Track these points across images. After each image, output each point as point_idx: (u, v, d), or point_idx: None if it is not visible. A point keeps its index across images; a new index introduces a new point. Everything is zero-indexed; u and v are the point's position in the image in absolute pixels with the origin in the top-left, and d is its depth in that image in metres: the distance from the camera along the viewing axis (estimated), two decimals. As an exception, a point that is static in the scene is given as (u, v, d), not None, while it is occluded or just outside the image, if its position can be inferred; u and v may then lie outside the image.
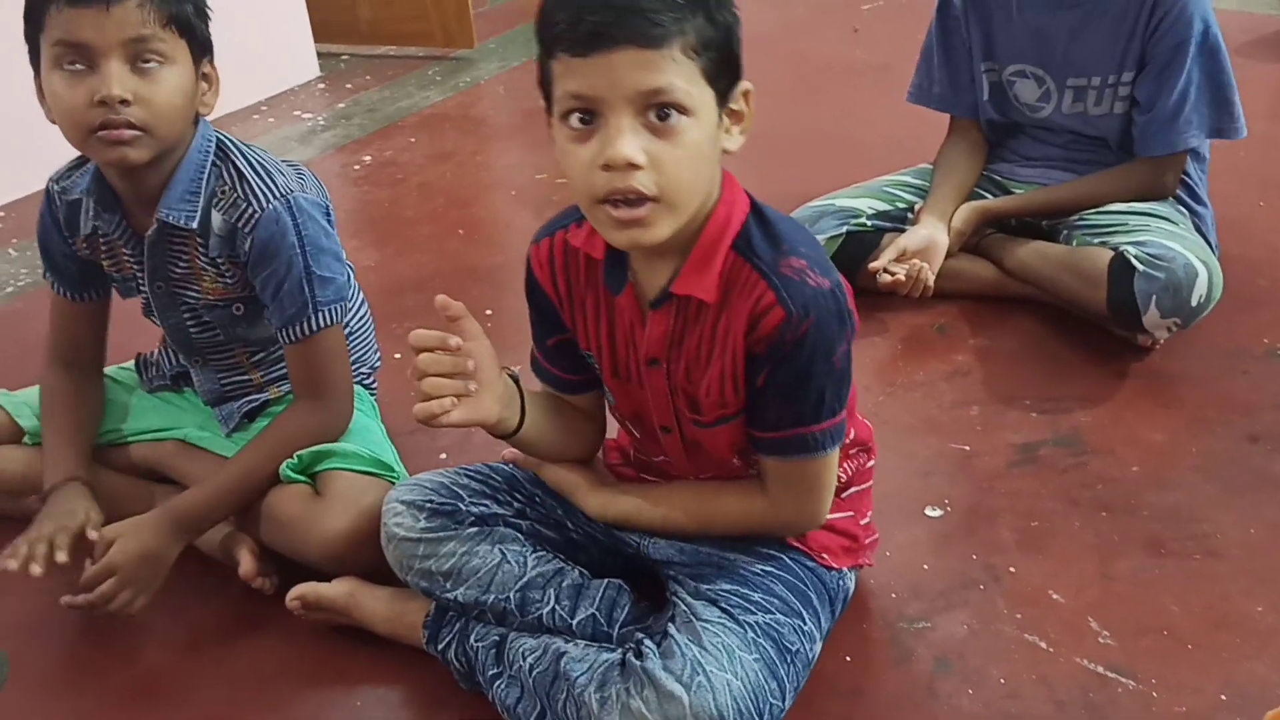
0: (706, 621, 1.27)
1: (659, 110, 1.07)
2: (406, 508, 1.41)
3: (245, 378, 1.66)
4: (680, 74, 1.07)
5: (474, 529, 1.40)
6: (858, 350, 1.27)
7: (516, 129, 3.14)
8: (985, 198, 2.15)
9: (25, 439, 1.65)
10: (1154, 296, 1.83)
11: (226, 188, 1.48)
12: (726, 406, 1.27)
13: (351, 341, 1.68)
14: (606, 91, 1.07)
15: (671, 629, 1.27)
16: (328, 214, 1.55)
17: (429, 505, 1.41)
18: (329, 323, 1.52)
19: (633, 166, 1.07)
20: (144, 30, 1.36)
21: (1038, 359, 1.99)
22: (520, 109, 3.23)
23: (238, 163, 1.49)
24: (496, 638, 1.37)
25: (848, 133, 2.78)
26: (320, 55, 3.39)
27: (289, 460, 1.53)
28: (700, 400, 1.28)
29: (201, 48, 1.45)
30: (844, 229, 2.09)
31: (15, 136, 2.62)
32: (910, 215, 2.12)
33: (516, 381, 1.31)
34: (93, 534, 1.46)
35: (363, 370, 1.75)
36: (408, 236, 2.53)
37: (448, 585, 1.38)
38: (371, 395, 1.78)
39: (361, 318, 1.77)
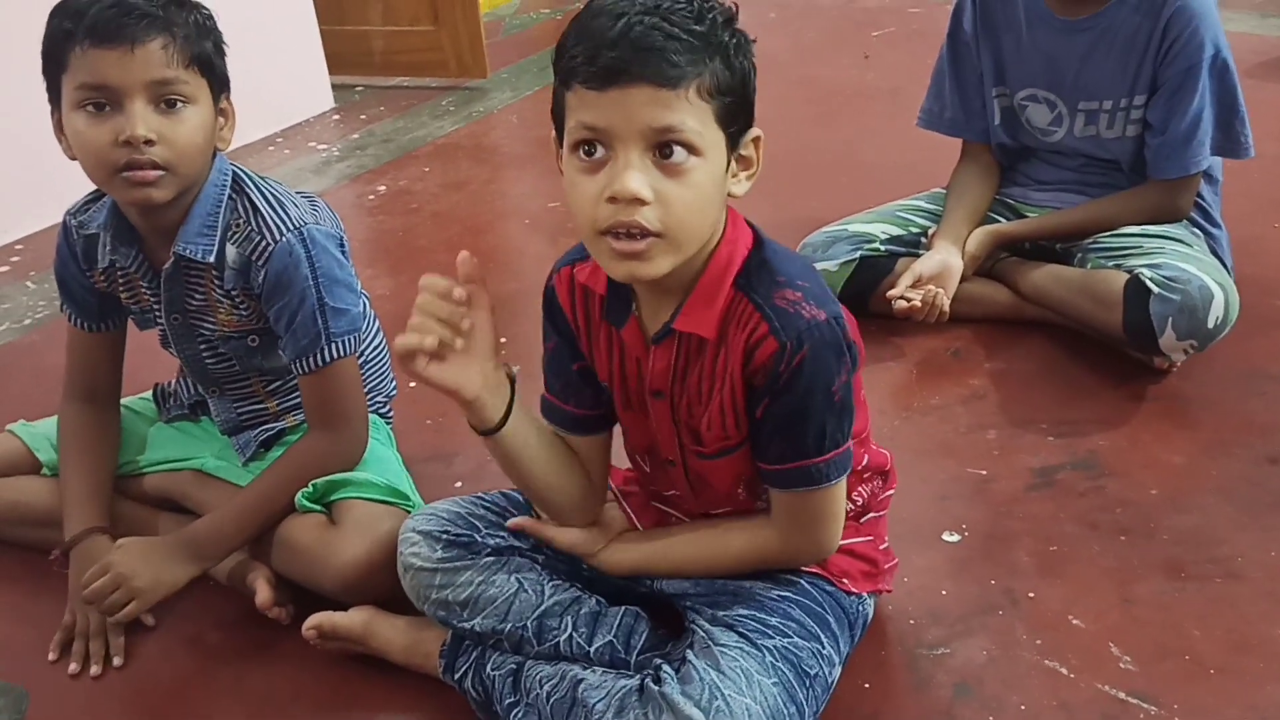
0: (724, 646, 1.26)
1: (668, 148, 1.08)
2: (423, 538, 1.41)
3: (261, 407, 1.66)
4: (693, 114, 1.08)
5: (490, 559, 1.40)
6: (873, 375, 1.28)
7: (530, 158, 3.16)
8: (999, 222, 2.15)
9: (43, 470, 1.66)
10: (1170, 319, 1.82)
11: (241, 221, 1.49)
12: (729, 439, 1.27)
13: (366, 370, 1.69)
14: (619, 126, 1.07)
15: (690, 655, 1.27)
16: (341, 245, 1.56)
17: (445, 535, 1.41)
18: (343, 353, 1.53)
19: (638, 201, 1.08)
20: (167, 72, 1.38)
21: (1054, 382, 1.98)
22: (533, 138, 3.24)
23: (252, 196, 1.50)
24: (513, 666, 1.36)
25: (859, 157, 2.79)
26: (335, 87, 3.42)
27: (304, 489, 1.53)
28: (702, 433, 1.29)
29: (220, 84, 1.47)
30: (858, 254, 2.10)
31: (31, 170, 2.65)
32: (924, 240, 2.12)
33: (513, 382, 1.27)
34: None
35: (378, 399, 1.76)
36: (422, 265, 2.51)
37: (465, 614, 1.38)
38: (388, 424, 1.78)
39: (377, 347, 1.77)
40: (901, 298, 1.99)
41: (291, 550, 1.52)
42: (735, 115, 1.13)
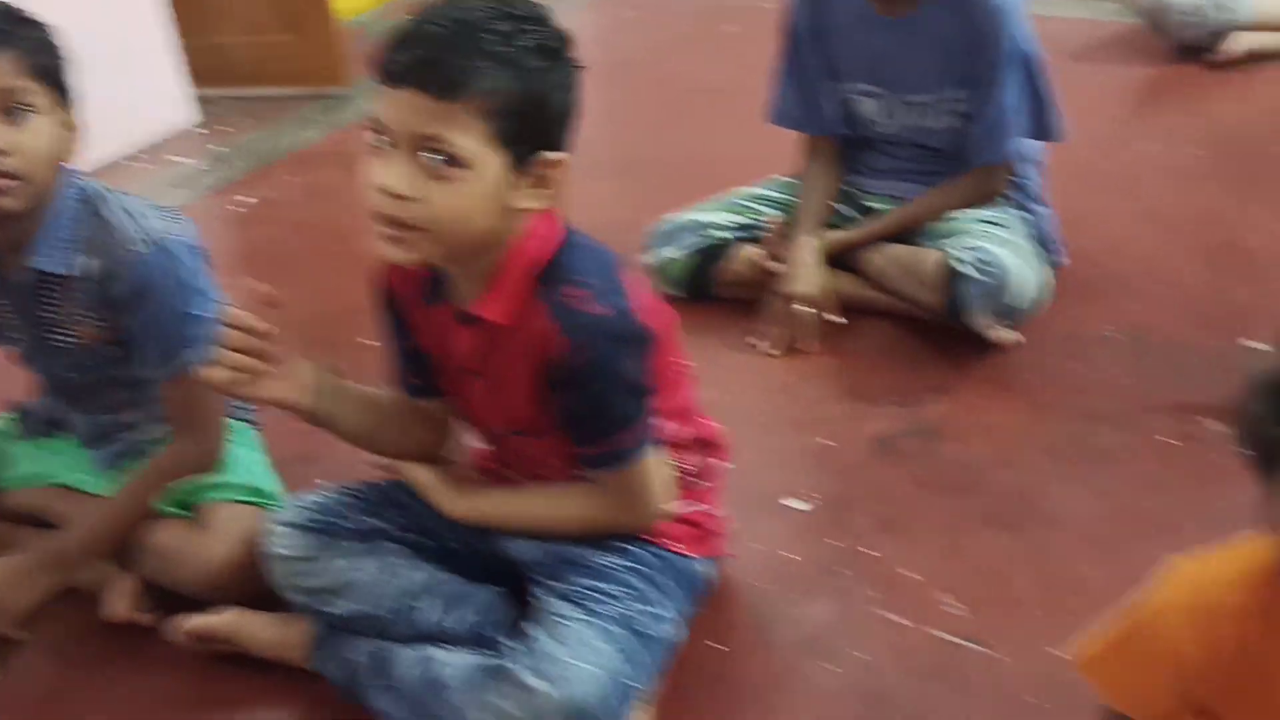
0: (563, 617, 1.34)
1: (432, 153, 1.15)
2: (287, 527, 1.46)
3: (122, 418, 1.68)
4: (461, 129, 1.14)
5: (354, 544, 1.46)
6: (723, 357, 1.36)
7: (396, 163, 3.19)
8: (840, 209, 2.25)
9: None
10: (982, 299, 1.96)
11: (97, 233, 1.51)
12: (536, 422, 1.36)
13: None
14: (394, 124, 1.15)
15: (532, 629, 1.35)
16: (200, 256, 1.59)
17: (309, 525, 1.46)
18: (202, 359, 1.56)
19: (397, 197, 1.16)
20: (15, 82, 1.41)
21: (896, 357, 2.10)
22: (399, 143, 3.28)
23: (107, 209, 1.52)
24: (375, 650, 1.42)
25: (712, 150, 2.88)
26: (199, 100, 3.40)
27: (167, 495, 1.56)
28: (516, 416, 1.38)
29: (66, 98, 1.49)
30: (703, 242, 2.19)
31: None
32: (766, 228, 2.20)
33: (326, 371, 1.37)
34: None
35: (243, 406, 1.79)
36: (288, 274, 2.56)
37: (332, 600, 1.44)
38: (253, 428, 1.82)
39: None
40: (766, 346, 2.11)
41: (158, 554, 1.56)
42: (521, 137, 1.18)
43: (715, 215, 2.23)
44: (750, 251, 2.19)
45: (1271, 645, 0.92)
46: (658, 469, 1.39)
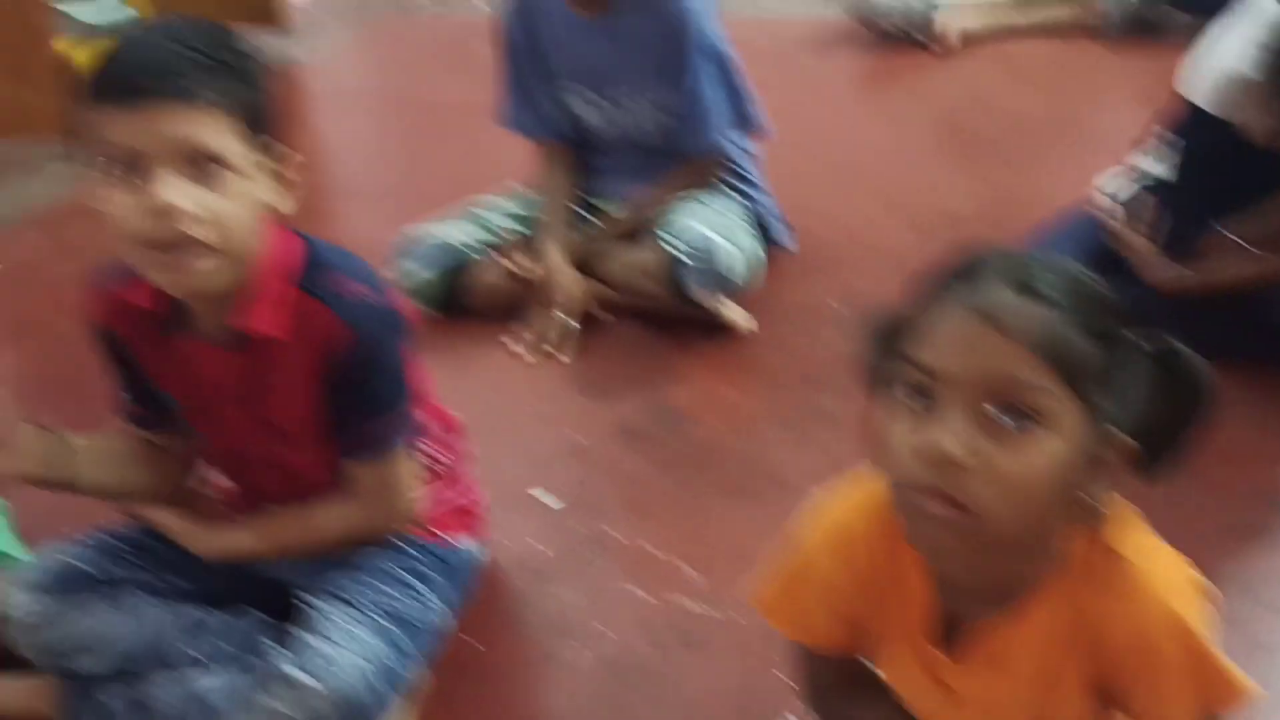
0: (329, 614, 1.38)
1: (202, 161, 1.18)
2: (25, 589, 1.43)
3: None
4: (220, 131, 1.19)
5: (96, 596, 1.44)
6: (475, 364, 1.41)
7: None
8: (577, 213, 2.35)
9: None
10: (697, 277, 2.08)
11: None
12: (317, 428, 1.39)
13: None
14: (149, 143, 1.16)
15: (299, 631, 1.37)
16: None
17: (48, 585, 1.43)
18: None
19: (179, 212, 1.16)
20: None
21: (638, 351, 2.19)
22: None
23: None
24: (132, 694, 1.42)
25: (463, 165, 2.91)
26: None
27: None
28: (289, 430, 1.39)
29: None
30: (452, 261, 2.25)
31: None
32: (502, 237, 2.28)
33: (65, 439, 1.39)
34: None
35: None
36: (39, 337, 2.50)
37: (79, 658, 1.42)
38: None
39: None
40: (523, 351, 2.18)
41: None
42: (258, 127, 1.24)
43: (456, 230, 2.29)
44: (498, 262, 2.25)
45: (896, 558, 1.04)
46: (408, 463, 1.45)
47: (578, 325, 2.19)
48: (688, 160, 2.22)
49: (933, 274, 0.94)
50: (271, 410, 1.38)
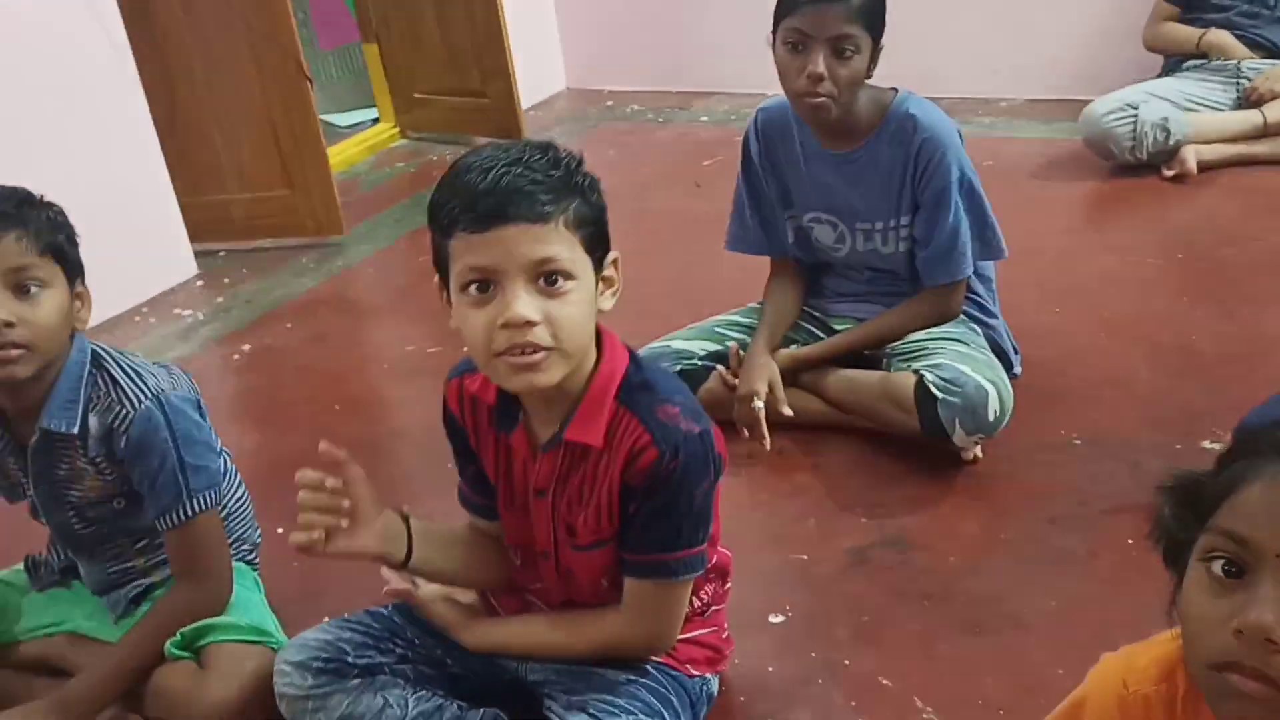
0: None
1: (548, 276, 1.29)
2: (294, 668, 1.54)
3: (130, 565, 1.77)
4: (563, 244, 1.29)
5: (358, 680, 1.54)
6: None
7: (387, 306, 3.33)
8: (808, 330, 2.38)
9: None
10: (956, 420, 2.06)
11: (102, 393, 1.62)
12: (601, 533, 1.45)
13: (231, 521, 1.82)
14: (502, 262, 1.27)
15: None
16: (198, 407, 1.70)
17: (314, 663, 1.54)
18: (204, 508, 1.66)
19: (530, 324, 1.28)
20: (23, 260, 1.54)
21: (865, 472, 2.19)
22: (391, 287, 3.42)
23: (111, 369, 1.64)
24: None
25: (692, 279, 3.02)
26: (198, 254, 3.55)
27: (173, 638, 1.64)
28: (578, 528, 1.47)
29: (74, 271, 1.62)
30: (678, 368, 2.31)
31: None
32: (731, 351, 2.33)
33: (407, 520, 1.49)
34: None
35: (244, 547, 1.88)
36: (287, 417, 2.67)
37: None
38: (254, 570, 1.90)
39: (240, 499, 1.90)
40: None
41: (164, 697, 1.63)
42: (597, 242, 1.35)
43: (690, 343, 2.36)
44: (719, 372, 2.31)
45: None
46: (687, 599, 1.50)
47: (761, 404, 2.21)
48: (928, 287, 2.23)
49: (1243, 441, 0.92)
50: (569, 510, 1.46)
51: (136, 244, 3.28)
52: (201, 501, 1.66)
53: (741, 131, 2.37)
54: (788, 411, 2.24)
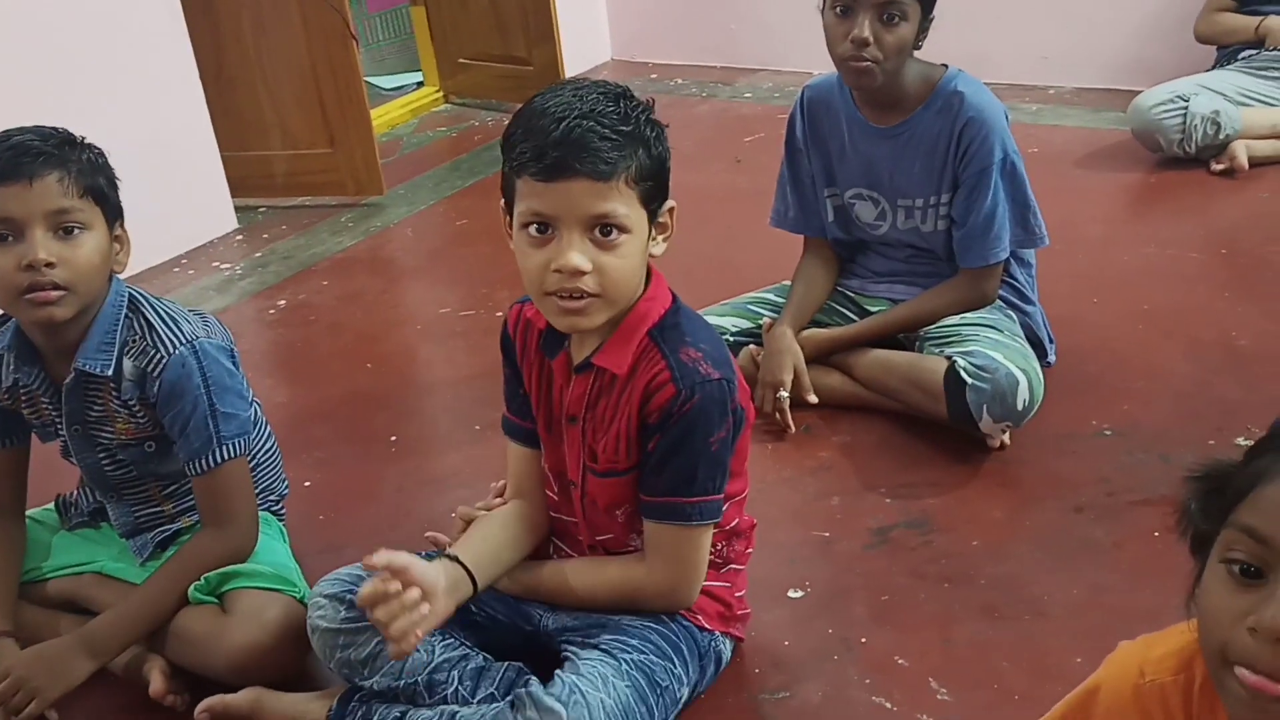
0: (586, 659, 1.47)
1: (603, 229, 1.34)
2: (328, 601, 1.56)
3: (158, 509, 1.80)
4: (622, 200, 1.34)
5: None
6: None
7: (423, 268, 3.34)
8: (840, 312, 2.37)
9: None
10: (984, 406, 2.04)
11: (137, 337, 1.64)
12: (618, 462, 1.49)
13: (259, 472, 1.84)
14: (562, 212, 1.33)
15: (558, 671, 1.46)
16: (232, 356, 1.72)
17: (349, 597, 1.54)
18: (232, 455, 1.68)
19: (579, 273, 1.33)
20: (64, 202, 1.55)
21: (892, 452, 2.18)
22: (427, 249, 3.43)
23: (147, 314, 1.66)
24: (398, 715, 1.51)
25: (728, 255, 3.01)
26: (238, 209, 3.58)
27: (197, 583, 1.66)
28: (599, 454, 1.50)
29: (114, 214, 1.64)
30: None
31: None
32: (763, 327, 2.33)
33: (456, 558, 1.51)
34: None
35: (271, 498, 1.90)
36: (318, 373, 2.69)
37: (365, 672, 1.54)
38: (280, 520, 1.92)
39: (269, 450, 1.92)
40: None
41: (186, 639, 1.65)
42: (655, 194, 1.39)
43: (722, 319, 2.35)
44: (749, 349, 2.31)
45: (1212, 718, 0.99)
46: (707, 549, 1.52)
47: (786, 394, 2.22)
48: (964, 270, 2.21)
49: (1273, 436, 0.91)
50: (594, 435, 1.50)
51: (178, 196, 3.31)
52: (231, 449, 1.67)
53: (785, 110, 2.36)
54: (813, 399, 2.24)
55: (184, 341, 1.64)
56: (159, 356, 1.63)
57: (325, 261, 3.30)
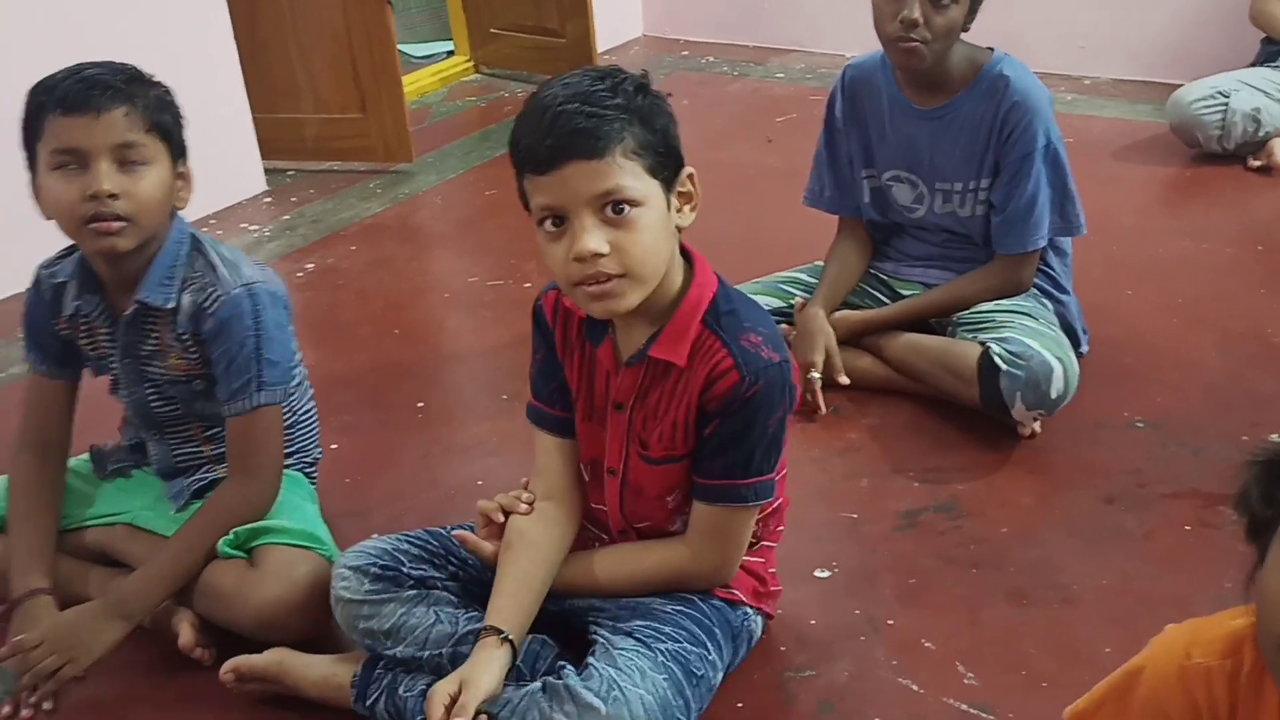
0: (621, 649, 1.45)
1: (613, 206, 1.32)
2: (353, 572, 1.56)
3: (198, 450, 1.81)
4: (625, 174, 1.32)
5: (412, 592, 1.55)
6: None
7: (451, 237, 3.33)
8: (873, 294, 2.36)
9: None
10: (1018, 393, 2.02)
11: (198, 274, 1.67)
12: (674, 450, 1.49)
13: (296, 431, 1.86)
14: (567, 199, 1.32)
15: (591, 659, 1.45)
16: (286, 307, 1.74)
17: (372, 570, 1.55)
18: (270, 401, 1.69)
19: (597, 256, 1.32)
20: (129, 136, 1.57)
21: (921, 436, 2.17)
22: (455, 218, 3.42)
23: (209, 254, 1.69)
24: (424, 686, 1.50)
25: (758, 234, 2.99)
26: (267, 171, 3.57)
27: (226, 538, 1.67)
28: (651, 443, 1.49)
29: (178, 150, 1.66)
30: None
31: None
32: (794, 307, 2.32)
33: (502, 633, 1.46)
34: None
35: (305, 460, 1.91)
36: (346, 338, 2.69)
37: (388, 643, 1.53)
38: (312, 483, 1.92)
39: (308, 413, 1.93)
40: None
41: (214, 594, 1.66)
42: (663, 163, 1.37)
43: (754, 298, 2.32)
44: (780, 329, 2.28)
45: (1259, 706, 0.98)
46: (752, 527, 1.53)
47: (818, 375, 2.21)
48: (1001, 256, 2.19)
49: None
50: (644, 426, 1.49)
51: (209, 156, 3.24)
52: (269, 395, 1.69)
53: (816, 91, 2.35)
54: (844, 380, 2.23)
55: (243, 283, 1.67)
56: (217, 294, 1.65)
57: (354, 226, 3.29)
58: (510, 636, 1.45)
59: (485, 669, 1.42)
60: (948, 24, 2.02)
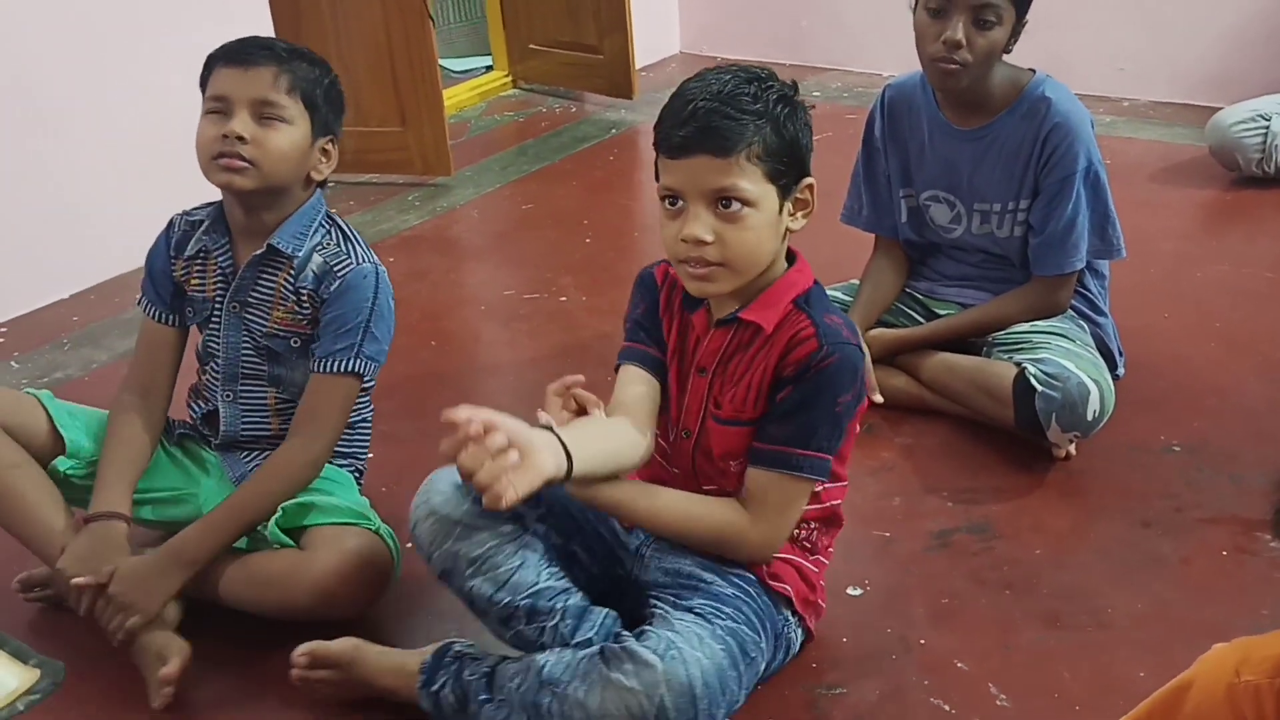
0: (680, 618, 1.49)
1: (725, 201, 1.42)
2: (455, 489, 1.53)
3: (265, 422, 1.87)
4: (744, 176, 1.42)
5: (509, 527, 1.53)
6: None
7: (488, 249, 3.36)
8: (908, 313, 2.36)
9: (63, 465, 1.77)
10: (1054, 415, 2.01)
11: (332, 242, 1.78)
12: (743, 412, 1.54)
13: (354, 435, 1.92)
14: (687, 186, 1.44)
15: (648, 627, 1.48)
16: (392, 296, 1.82)
17: (474, 491, 1.44)
18: (360, 371, 1.76)
19: (701, 243, 1.43)
20: (270, 94, 1.69)
21: (955, 456, 2.17)
22: (492, 231, 3.45)
23: (345, 229, 1.81)
24: (487, 670, 1.53)
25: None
26: (306, 182, 3.63)
27: (275, 515, 1.71)
28: (724, 402, 1.55)
29: (322, 127, 1.75)
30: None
31: (16, 255, 2.83)
32: None
33: (552, 430, 1.42)
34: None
35: (358, 464, 1.95)
36: (384, 348, 2.71)
37: (468, 571, 1.51)
38: (358, 477, 1.95)
39: (366, 420, 1.97)
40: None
41: (268, 580, 1.70)
42: (784, 172, 1.45)
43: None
44: None
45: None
46: (801, 509, 1.56)
47: None
48: (1038, 277, 2.19)
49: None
50: (722, 387, 1.56)
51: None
52: (362, 366, 1.76)
53: (853, 110, 2.36)
54: (878, 398, 2.23)
55: (373, 261, 1.78)
56: (349, 261, 1.76)
57: (392, 239, 3.32)
58: (572, 452, 1.40)
59: (545, 448, 1.36)
60: (990, 46, 2.02)
